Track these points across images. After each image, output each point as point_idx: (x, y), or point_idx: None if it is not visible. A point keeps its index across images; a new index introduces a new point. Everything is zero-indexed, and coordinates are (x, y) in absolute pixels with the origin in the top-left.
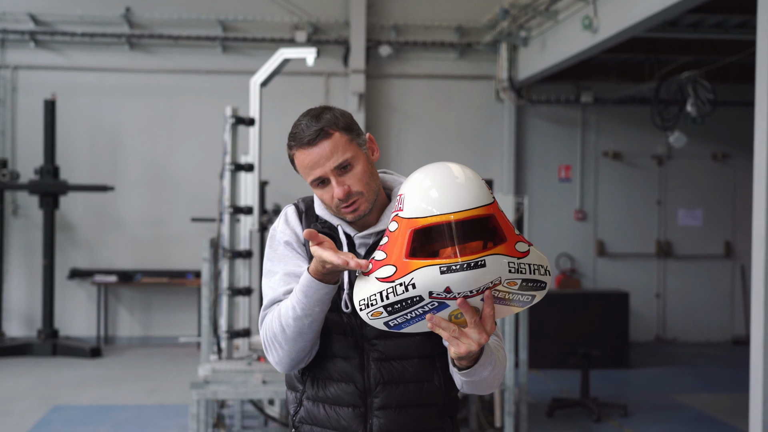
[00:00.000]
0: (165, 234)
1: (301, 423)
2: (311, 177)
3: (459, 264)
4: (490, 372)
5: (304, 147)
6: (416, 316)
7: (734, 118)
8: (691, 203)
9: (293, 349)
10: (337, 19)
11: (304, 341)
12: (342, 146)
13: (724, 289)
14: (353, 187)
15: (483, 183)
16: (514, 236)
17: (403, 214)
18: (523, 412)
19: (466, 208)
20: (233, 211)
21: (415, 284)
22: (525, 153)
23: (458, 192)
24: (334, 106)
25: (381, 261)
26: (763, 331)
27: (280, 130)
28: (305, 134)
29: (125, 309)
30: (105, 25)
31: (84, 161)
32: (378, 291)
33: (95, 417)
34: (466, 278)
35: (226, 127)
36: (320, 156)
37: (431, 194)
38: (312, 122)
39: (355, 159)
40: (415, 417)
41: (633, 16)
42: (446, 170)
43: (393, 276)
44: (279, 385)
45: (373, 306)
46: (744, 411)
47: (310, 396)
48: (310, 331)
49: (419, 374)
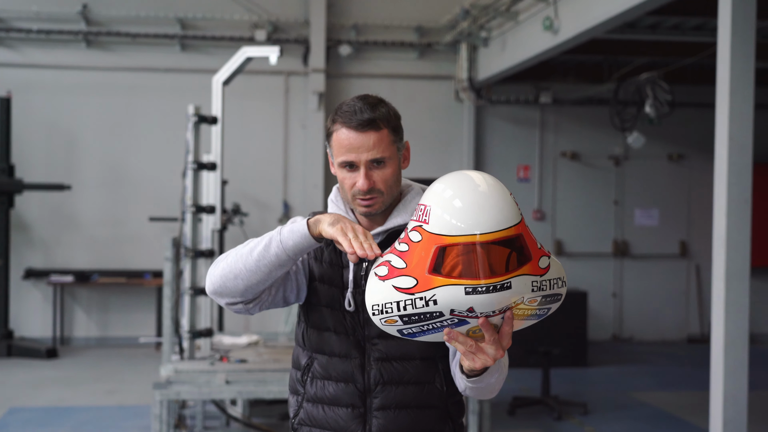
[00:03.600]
0: (123, 234)
1: (300, 425)
2: (344, 158)
3: (485, 286)
4: (496, 378)
5: (351, 128)
6: (433, 329)
7: (690, 120)
8: (648, 203)
9: (232, 271)
10: (297, 18)
11: (240, 271)
12: (385, 144)
13: (679, 288)
14: (378, 185)
15: (511, 199)
16: (537, 251)
17: (429, 228)
18: (485, 410)
19: (496, 229)
20: (195, 210)
21: (436, 301)
22: (484, 153)
23: (487, 209)
24: (389, 102)
25: (400, 270)
26: (723, 329)
27: (240, 128)
28: (357, 117)
29: (82, 309)
30: (61, 22)
31: (40, 160)
32: (395, 300)
33: (53, 419)
34: (491, 300)
35: (189, 125)
36: (362, 144)
37: (459, 211)
38: (367, 108)
39: (390, 160)
40: (415, 418)
41: (594, 18)
42: (472, 183)
43: (413, 289)
44: (242, 385)
45: (388, 314)
46: (701, 408)
47: (310, 397)
48: (257, 272)
49: (420, 375)
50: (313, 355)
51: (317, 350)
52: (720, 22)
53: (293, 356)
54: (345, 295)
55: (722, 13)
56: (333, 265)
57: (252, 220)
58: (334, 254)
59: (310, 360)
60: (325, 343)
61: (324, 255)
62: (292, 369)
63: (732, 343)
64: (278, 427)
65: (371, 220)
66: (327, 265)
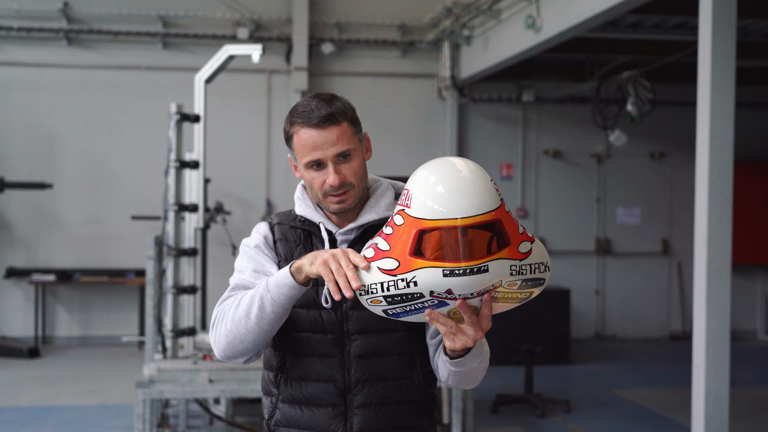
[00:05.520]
0: (105, 232)
1: (277, 426)
2: (309, 158)
3: (462, 269)
4: (478, 364)
5: (311, 127)
6: (415, 309)
7: (671, 118)
8: (630, 201)
9: (237, 336)
10: (279, 16)
11: (244, 334)
12: (348, 136)
13: (661, 285)
14: (347, 178)
15: (491, 184)
16: (518, 236)
17: (411, 212)
18: (469, 408)
19: (475, 213)
20: (178, 209)
21: (416, 282)
22: (467, 151)
23: (467, 195)
24: (341, 96)
25: (384, 252)
26: (705, 326)
27: (223, 127)
28: (315, 115)
29: (64, 308)
30: (42, 20)
31: (21, 158)
32: (379, 281)
33: (36, 418)
34: (468, 282)
35: (171, 123)
36: (325, 140)
37: (440, 195)
38: (323, 105)
39: (355, 152)
40: (395, 414)
41: (576, 16)
42: (454, 169)
43: (395, 270)
44: (226, 383)
45: (372, 294)
46: (683, 405)
47: (285, 398)
48: (261, 332)
49: (399, 371)
50: (286, 356)
51: (292, 352)
52: (701, 21)
53: (264, 357)
54: (320, 292)
55: (703, 12)
56: None
57: (235, 219)
58: (305, 253)
59: (282, 360)
60: (302, 345)
61: (294, 254)
62: (264, 370)
63: (714, 341)
64: (261, 426)
65: (343, 217)
66: None
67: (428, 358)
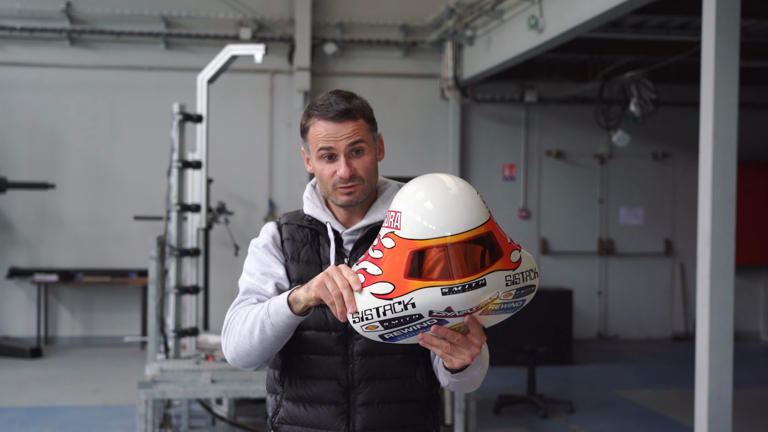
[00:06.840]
0: (107, 232)
1: (281, 423)
2: (322, 146)
3: (460, 285)
4: (479, 371)
5: (327, 120)
6: (414, 331)
7: (674, 118)
8: (632, 202)
9: (244, 350)
10: (281, 16)
11: (249, 350)
12: (363, 131)
13: (664, 286)
14: (358, 172)
15: (479, 198)
16: (507, 246)
17: (401, 233)
18: (471, 409)
19: (465, 229)
20: (180, 209)
21: (414, 303)
22: (469, 152)
23: (457, 212)
24: (361, 96)
25: (376, 276)
26: (708, 326)
27: (225, 127)
28: (333, 108)
29: (66, 308)
30: (45, 20)
31: (23, 158)
32: (374, 306)
33: (38, 418)
34: (467, 298)
35: (174, 123)
36: (341, 132)
37: (429, 214)
38: (342, 101)
39: (368, 147)
40: (398, 413)
41: (579, 16)
42: (442, 186)
43: (391, 294)
44: (228, 384)
45: (368, 320)
46: (686, 406)
47: (290, 396)
48: (265, 349)
49: (402, 370)
50: (291, 355)
51: (296, 350)
52: (704, 21)
53: None
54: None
55: (706, 12)
56: (310, 263)
57: (237, 219)
58: (311, 252)
59: (287, 359)
60: (307, 343)
61: (301, 254)
62: (268, 368)
63: (717, 341)
64: (264, 426)
65: (351, 212)
66: (304, 264)
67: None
